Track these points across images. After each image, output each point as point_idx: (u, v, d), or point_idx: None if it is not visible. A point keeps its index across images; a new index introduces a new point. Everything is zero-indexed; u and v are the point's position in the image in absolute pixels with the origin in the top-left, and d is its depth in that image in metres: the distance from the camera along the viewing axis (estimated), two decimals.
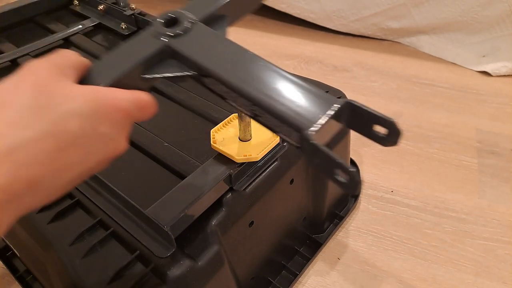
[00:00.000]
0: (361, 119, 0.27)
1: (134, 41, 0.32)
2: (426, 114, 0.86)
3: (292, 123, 0.27)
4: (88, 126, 0.25)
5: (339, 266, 0.60)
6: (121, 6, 0.73)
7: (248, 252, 0.49)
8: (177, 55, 0.31)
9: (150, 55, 0.31)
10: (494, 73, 0.96)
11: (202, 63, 0.30)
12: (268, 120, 0.29)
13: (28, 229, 0.43)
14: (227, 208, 0.43)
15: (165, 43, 0.31)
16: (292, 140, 0.28)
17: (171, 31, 0.32)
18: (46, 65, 0.26)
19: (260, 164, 0.45)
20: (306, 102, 0.27)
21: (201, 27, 0.33)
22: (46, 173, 0.23)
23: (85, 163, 0.26)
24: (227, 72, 0.30)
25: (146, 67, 0.31)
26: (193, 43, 0.31)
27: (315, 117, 0.26)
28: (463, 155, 0.76)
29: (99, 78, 0.29)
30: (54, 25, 0.73)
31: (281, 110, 0.27)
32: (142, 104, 0.28)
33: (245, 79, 0.29)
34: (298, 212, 0.58)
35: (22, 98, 0.23)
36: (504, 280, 0.57)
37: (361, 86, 0.95)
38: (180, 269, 0.38)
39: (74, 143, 0.24)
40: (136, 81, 0.30)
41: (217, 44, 0.32)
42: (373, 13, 1.05)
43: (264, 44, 1.12)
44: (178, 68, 0.31)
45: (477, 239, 0.62)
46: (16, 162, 0.22)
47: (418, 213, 0.66)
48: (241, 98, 0.29)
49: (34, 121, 0.23)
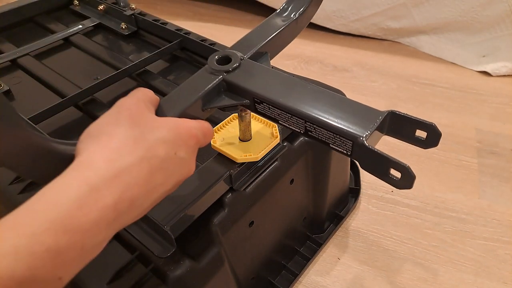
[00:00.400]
0: (403, 125, 0.31)
1: (194, 78, 0.37)
2: (426, 114, 0.86)
3: (346, 134, 0.30)
4: (171, 151, 0.29)
5: (339, 266, 0.60)
6: (121, 6, 0.73)
7: (248, 252, 0.49)
8: (233, 87, 0.36)
9: (210, 89, 0.36)
10: (494, 73, 0.96)
11: (257, 91, 0.35)
12: (320, 134, 0.33)
13: None
14: (227, 208, 0.43)
15: (222, 78, 0.36)
16: (343, 149, 0.32)
17: (226, 67, 0.37)
18: (135, 101, 0.31)
19: (260, 164, 0.45)
20: (355, 115, 0.31)
21: (249, 62, 0.38)
22: (141, 194, 0.27)
23: (166, 184, 0.29)
24: (281, 96, 0.34)
25: (206, 100, 0.36)
26: (246, 76, 0.36)
27: (365, 126, 0.30)
28: (463, 155, 0.76)
29: (169, 111, 0.34)
30: (54, 25, 0.73)
31: (335, 124, 0.31)
32: (206, 131, 0.33)
33: (298, 100, 0.33)
34: (298, 212, 0.58)
35: (123, 129, 0.28)
36: (504, 280, 0.57)
37: (361, 86, 0.95)
38: (180, 269, 0.38)
39: (161, 166, 0.28)
40: (197, 112, 0.36)
41: (267, 74, 0.37)
42: (373, 13, 1.05)
43: None
44: (231, 99, 0.37)
45: (477, 239, 0.62)
46: (123, 184, 0.25)
47: (418, 213, 0.66)
48: (294, 118, 0.34)
49: (134, 148, 0.27)
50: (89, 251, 0.24)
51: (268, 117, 0.36)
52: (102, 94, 0.57)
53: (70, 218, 0.23)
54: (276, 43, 0.42)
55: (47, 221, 0.22)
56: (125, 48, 0.68)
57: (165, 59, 0.65)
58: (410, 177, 0.28)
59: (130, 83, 0.60)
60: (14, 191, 0.44)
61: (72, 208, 0.23)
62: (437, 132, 0.30)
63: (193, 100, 0.35)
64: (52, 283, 0.23)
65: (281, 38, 0.43)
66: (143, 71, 0.61)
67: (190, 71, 0.62)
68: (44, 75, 0.61)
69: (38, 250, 0.21)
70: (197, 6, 1.32)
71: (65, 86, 0.58)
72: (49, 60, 0.65)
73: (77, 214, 0.23)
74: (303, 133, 0.34)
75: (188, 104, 0.34)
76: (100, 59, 0.65)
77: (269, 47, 0.41)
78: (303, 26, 0.45)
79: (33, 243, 0.21)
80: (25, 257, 0.21)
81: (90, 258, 0.25)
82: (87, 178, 0.24)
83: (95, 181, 0.24)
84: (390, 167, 0.29)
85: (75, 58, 0.66)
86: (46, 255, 0.22)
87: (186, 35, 0.65)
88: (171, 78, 0.60)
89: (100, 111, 0.54)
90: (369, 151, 0.29)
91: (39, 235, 0.22)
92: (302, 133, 0.34)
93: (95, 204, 0.24)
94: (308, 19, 0.45)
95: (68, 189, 0.24)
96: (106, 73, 0.57)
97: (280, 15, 0.44)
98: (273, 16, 0.44)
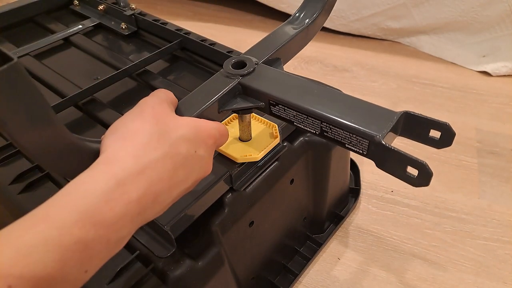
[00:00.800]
0: (417, 126, 0.32)
1: (210, 81, 0.39)
2: (426, 114, 0.85)
3: (363, 133, 0.31)
4: (192, 149, 0.30)
5: (339, 266, 0.60)
6: (121, 6, 0.73)
7: (248, 252, 0.49)
8: (248, 90, 0.38)
9: (226, 92, 0.37)
10: (494, 73, 0.96)
11: (272, 93, 0.36)
12: (336, 134, 0.33)
13: None
14: (227, 208, 0.43)
15: (238, 81, 0.38)
16: (359, 148, 0.32)
17: (241, 71, 0.38)
18: (158, 100, 0.32)
19: (260, 164, 0.45)
20: (370, 115, 0.32)
21: (263, 66, 0.40)
22: (164, 189, 0.28)
23: (187, 181, 0.30)
24: (297, 98, 0.35)
25: (222, 102, 0.37)
26: (261, 79, 0.38)
27: (382, 125, 0.31)
28: (463, 155, 0.76)
29: (187, 112, 0.35)
30: (54, 25, 0.73)
31: (351, 124, 0.32)
32: (223, 132, 0.35)
33: (314, 102, 0.34)
34: (298, 212, 0.58)
35: (147, 126, 0.28)
36: (504, 280, 0.57)
37: (361, 86, 0.95)
38: (180, 269, 0.38)
39: (183, 163, 0.29)
40: (213, 114, 0.37)
41: (282, 77, 0.38)
42: (373, 13, 1.05)
43: None
44: (247, 101, 0.38)
45: (477, 239, 0.62)
46: (147, 179, 0.26)
47: (418, 213, 0.66)
48: (310, 119, 0.35)
49: (158, 145, 0.28)
50: (114, 245, 0.25)
51: (283, 119, 0.37)
52: (102, 94, 0.57)
53: (98, 211, 0.23)
54: (288, 50, 0.44)
55: (76, 213, 0.23)
56: (125, 48, 0.68)
57: (165, 59, 0.65)
58: (428, 174, 0.28)
59: (130, 83, 0.60)
60: (14, 191, 0.44)
61: (100, 202, 0.24)
62: (451, 132, 0.30)
63: (210, 102, 0.36)
64: (78, 275, 0.23)
65: (293, 45, 0.45)
66: (143, 71, 0.61)
67: (190, 71, 0.62)
68: (44, 75, 0.61)
69: (68, 242, 0.22)
70: (197, 6, 1.32)
71: (65, 86, 0.58)
72: (49, 60, 0.65)
73: (104, 208, 0.24)
74: (319, 133, 0.35)
75: (205, 106, 0.36)
76: (100, 59, 0.65)
77: (282, 54, 0.43)
78: (314, 34, 0.47)
79: (63, 235, 0.22)
80: (55, 248, 0.21)
81: (114, 252, 0.25)
82: (115, 173, 0.25)
83: (122, 176, 0.25)
84: (407, 164, 0.29)
85: (75, 58, 0.66)
86: (75, 248, 0.22)
87: (186, 35, 0.65)
88: (171, 78, 0.60)
89: (100, 111, 0.54)
90: (386, 150, 0.30)
91: (68, 227, 0.22)
92: (318, 134, 0.35)
93: (121, 198, 0.24)
94: (318, 27, 0.47)
95: (96, 183, 0.24)
96: (106, 73, 0.57)
97: (292, 22, 0.46)
98: (285, 24, 0.46)
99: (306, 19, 0.46)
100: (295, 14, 0.46)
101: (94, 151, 0.29)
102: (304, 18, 0.46)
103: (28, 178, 0.45)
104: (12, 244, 0.21)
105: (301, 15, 0.46)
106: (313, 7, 0.46)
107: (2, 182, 0.45)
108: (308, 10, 0.46)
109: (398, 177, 0.31)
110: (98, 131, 0.52)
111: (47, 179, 0.46)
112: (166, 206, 0.29)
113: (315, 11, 0.46)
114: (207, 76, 0.61)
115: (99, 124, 0.53)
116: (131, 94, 0.58)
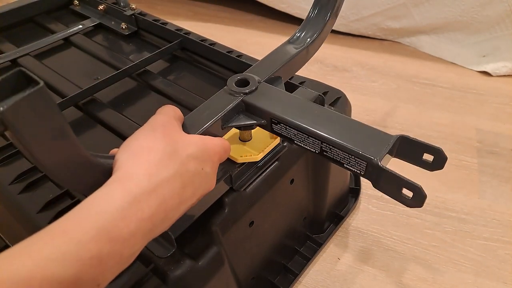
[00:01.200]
0: (411, 149, 0.33)
1: (214, 98, 0.40)
2: (426, 114, 0.86)
3: (361, 155, 0.33)
4: (199, 166, 0.31)
5: (339, 266, 0.60)
6: (121, 6, 0.73)
7: (248, 252, 0.49)
8: (251, 108, 0.39)
9: (229, 110, 0.38)
10: (494, 73, 0.96)
11: (275, 112, 0.37)
12: (335, 155, 0.35)
13: (28, 229, 0.43)
14: (228, 208, 0.43)
15: (242, 99, 0.39)
16: (357, 169, 0.34)
17: (244, 89, 0.40)
18: (167, 118, 0.33)
19: (260, 165, 0.45)
20: (368, 138, 0.34)
21: (266, 85, 0.41)
22: (174, 206, 0.28)
23: (193, 198, 0.31)
24: (299, 118, 0.36)
25: (226, 119, 0.39)
26: (264, 98, 0.39)
27: (379, 148, 0.32)
28: (463, 155, 0.76)
29: (192, 128, 0.36)
30: (54, 25, 0.73)
31: (350, 146, 0.33)
32: (227, 149, 0.36)
33: (315, 123, 0.36)
34: (298, 212, 0.58)
35: (159, 145, 0.29)
36: (504, 280, 0.57)
37: (361, 86, 0.95)
38: (180, 269, 0.38)
39: (191, 180, 0.30)
40: (217, 130, 0.38)
41: (283, 97, 0.40)
42: (373, 13, 1.05)
43: (264, 44, 1.11)
44: (249, 119, 0.39)
45: (477, 239, 0.62)
46: (160, 197, 0.27)
47: (418, 213, 0.66)
48: (310, 138, 0.36)
49: (169, 163, 0.29)
50: (126, 260, 0.26)
51: (284, 137, 0.38)
52: (102, 94, 0.57)
53: (113, 227, 0.24)
54: (289, 68, 0.46)
55: (93, 229, 0.23)
56: (125, 48, 0.68)
57: (165, 59, 0.65)
58: (422, 197, 0.30)
59: (130, 83, 0.60)
60: (14, 191, 0.44)
61: (116, 218, 0.24)
62: (443, 156, 0.32)
63: (214, 119, 0.37)
64: None
65: (294, 63, 0.47)
66: (143, 71, 0.61)
67: (190, 71, 0.62)
68: (44, 75, 0.61)
69: (85, 257, 0.22)
70: (197, 6, 1.32)
71: (65, 86, 0.58)
72: (49, 60, 0.65)
73: (120, 225, 0.24)
74: (318, 152, 0.36)
75: (210, 123, 0.37)
76: (100, 59, 0.65)
77: (283, 72, 0.45)
78: (314, 52, 0.49)
79: (80, 250, 0.22)
80: (72, 263, 0.22)
81: (125, 267, 0.26)
82: (130, 190, 0.26)
83: (137, 193, 0.26)
84: (403, 186, 0.31)
85: (75, 58, 0.66)
86: (91, 262, 0.23)
87: (186, 35, 0.65)
88: (171, 78, 0.60)
89: (100, 111, 0.54)
90: (383, 171, 0.31)
91: (86, 242, 0.23)
92: (317, 153, 0.36)
93: (135, 215, 0.25)
94: (318, 46, 0.49)
95: (112, 200, 0.25)
96: (106, 73, 0.57)
97: (293, 42, 0.48)
98: (286, 43, 0.48)
99: (307, 39, 0.48)
100: (296, 34, 0.49)
101: (107, 167, 0.29)
102: (305, 38, 0.48)
103: (28, 178, 0.45)
104: (31, 256, 0.21)
105: (301, 35, 0.48)
106: (313, 28, 0.48)
107: (2, 182, 0.45)
108: (308, 31, 0.48)
109: (393, 197, 0.32)
110: (98, 131, 0.52)
111: (47, 179, 0.46)
112: (173, 222, 0.30)
113: (315, 31, 0.48)
114: (207, 76, 0.61)
115: (99, 124, 0.53)
116: (131, 94, 0.58)
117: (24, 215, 0.43)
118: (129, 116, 0.53)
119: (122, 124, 0.52)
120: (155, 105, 0.56)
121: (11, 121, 0.21)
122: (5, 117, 0.20)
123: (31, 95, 0.21)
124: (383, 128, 0.83)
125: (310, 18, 0.49)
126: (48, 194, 0.43)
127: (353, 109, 0.61)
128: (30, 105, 0.21)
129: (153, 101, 0.56)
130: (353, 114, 0.61)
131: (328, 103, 0.56)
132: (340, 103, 0.57)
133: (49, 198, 0.43)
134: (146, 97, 0.57)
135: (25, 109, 0.21)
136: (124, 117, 0.53)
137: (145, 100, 0.57)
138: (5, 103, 0.20)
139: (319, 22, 0.48)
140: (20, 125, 0.21)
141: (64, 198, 0.43)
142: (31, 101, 0.21)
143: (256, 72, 0.43)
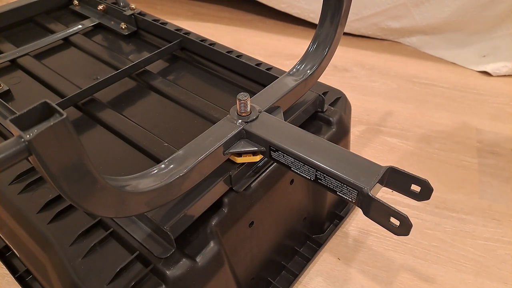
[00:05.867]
0: (400, 179, 0.35)
1: (217, 126, 0.42)
2: (426, 114, 0.86)
3: (353, 184, 0.35)
4: None
5: (339, 266, 0.60)
6: (121, 6, 0.73)
7: (248, 252, 0.49)
8: (252, 136, 0.42)
9: (231, 136, 0.41)
10: (494, 73, 0.96)
11: (274, 141, 0.40)
12: (329, 183, 0.37)
13: (28, 229, 0.43)
14: (227, 208, 0.43)
15: (242, 127, 0.42)
16: (349, 197, 0.36)
17: (245, 118, 0.42)
18: None
19: (260, 165, 0.45)
20: (360, 168, 0.36)
21: (266, 115, 0.44)
22: None
23: None
24: (296, 147, 0.39)
25: (227, 146, 0.41)
26: (264, 127, 0.42)
27: (369, 178, 0.35)
28: (463, 155, 0.76)
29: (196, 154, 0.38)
30: (54, 25, 0.73)
31: (343, 175, 0.35)
32: None
33: (311, 152, 0.38)
34: (298, 212, 0.58)
35: None
36: (504, 280, 0.57)
37: (361, 86, 0.95)
38: (180, 270, 0.38)
39: None
40: (219, 156, 0.40)
41: (282, 126, 0.42)
42: (373, 13, 1.05)
43: (264, 44, 1.12)
44: (249, 145, 0.41)
45: (477, 239, 0.62)
46: None
47: (418, 213, 0.66)
48: (306, 166, 0.38)
49: None
50: None
51: (282, 164, 0.41)
52: (102, 94, 0.57)
53: None
54: (287, 99, 0.48)
55: None
56: (125, 48, 0.68)
57: (165, 59, 0.65)
58: (408, 226, 0.32)
59: (130, 83, 0.60)
60: (14, 191, 0.44)
61: None
62: (429, 188, 0.34)
63: (216, 145, 0.39)
64: None
65: (293, 94, 0.49)
66: (143, 71, 0.61)
67: (190, 71, 0.62)
68: (44, 75, 0.61)
69: None
70: (197, 6, 1.32)
71: (65, 86, 0.58)
72: (49, 60, 0.65)
73: None
74: (313, 180, 0.38)
75: (212, 149, 0.39)
76: (100, 59, 0.65)
77: (282, 102, 0.47)
78: (313, 84, 0.51)
79: None
80: None
81: None
82: None
83: None
84: (391, 215, 0.33)
85: (75, 58, 0.66)
86: None
87: (186, 35, 0.65)
88: (171, 78, 0.60)
89: (100, 111, 0.54)
90: (373, 201, 0.33)
91: None
92: (312, 180, 0.38)
93: None
94: (316, 78, 0.51)
95: None
96: (106, 73, 0.57)
97: (293, 74, 0.50)
98: (286, 75, 0.50)
99: (305, 72, 0.50)
100: (295, 67, 0.51)
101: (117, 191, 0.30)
102: (304, 71, 0.50)
103: (28, 178, 0.45)
104: None
105: (301, 67, 0.51)
106: (311, 61, 0.50)
107: (2, 182, 0.45)
108: (307, 64, 0.51)
109: (381, 225, 0.34)
110: (98, 131, 0.52)
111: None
112: None
113: (314, 65, 0.50)
114: (207, 76, 0.61)
115: (99, 124, 0.53)
116: (130, 94, 0.58)
117: (24, 215, 0.43)
118: (129, 116, 0.53)
119: (122, 124, 0.52)
120: (154, 105, 0.56)
121: (36, 147, 0.22)
122: (31, 144, 0.22)
123: (55, 125, 0.23)
124: (383, 128, 0.83)
125: (309, 52, 0.51)
126: (48, 194, 0.43)
127: (353, 109, 0.61)
128: (54, 134, 0.23)
129: (152, 101, 0.56)
130: (353, 114, 0.61)
131: (328, 103, 0.56)
132: (340, 103, 0.57)
133: (48, 198, 0.43)
134: (145, 97, 0.57)
135: (49, 138, 0.23)
136: (123, 117, 0.53)
137: (144, 100, 0.57)
138: (31, 131, 0.22)
139: (317, 56, 0.50)
140: (44, 152, 0.23)
141: (64, 199, 0.43)
142: (55, 130, 0.23)
143: (257, 102, 0.45)
